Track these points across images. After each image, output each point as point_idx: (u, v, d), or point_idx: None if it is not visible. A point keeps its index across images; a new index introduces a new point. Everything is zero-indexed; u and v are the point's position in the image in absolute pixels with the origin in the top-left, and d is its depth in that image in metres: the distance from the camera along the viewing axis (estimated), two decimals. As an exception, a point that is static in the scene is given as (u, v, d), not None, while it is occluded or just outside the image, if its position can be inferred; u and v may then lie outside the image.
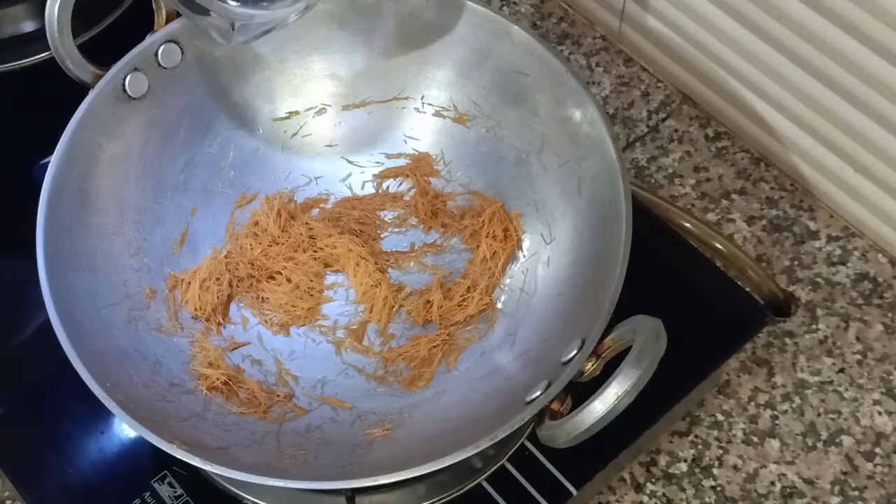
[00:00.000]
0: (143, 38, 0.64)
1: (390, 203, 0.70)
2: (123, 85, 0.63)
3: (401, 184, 0.70)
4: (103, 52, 0.63)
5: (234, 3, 0.58)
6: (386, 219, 0.69)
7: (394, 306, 0.65)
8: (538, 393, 0.52)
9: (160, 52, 0.64)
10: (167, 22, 0.64)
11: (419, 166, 0.70)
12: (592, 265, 0.60)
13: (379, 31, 0.68)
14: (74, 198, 0.61)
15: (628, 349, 0.49)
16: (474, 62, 0.67)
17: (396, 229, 0.69)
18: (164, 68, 0.65)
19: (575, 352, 0.53)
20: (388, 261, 0.67)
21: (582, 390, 0.50)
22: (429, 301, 0.65)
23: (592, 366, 0.52)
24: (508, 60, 0.65)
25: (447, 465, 0.50)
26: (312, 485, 0.55)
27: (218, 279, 0.65)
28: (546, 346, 0.59)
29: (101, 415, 0.63)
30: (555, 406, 0.51)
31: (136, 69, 0.64)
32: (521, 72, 0.65)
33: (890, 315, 0.72)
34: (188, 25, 0.65)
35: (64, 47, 0.61)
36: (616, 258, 0.55)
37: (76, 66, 0.62)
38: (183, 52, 0.65)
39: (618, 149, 0.59)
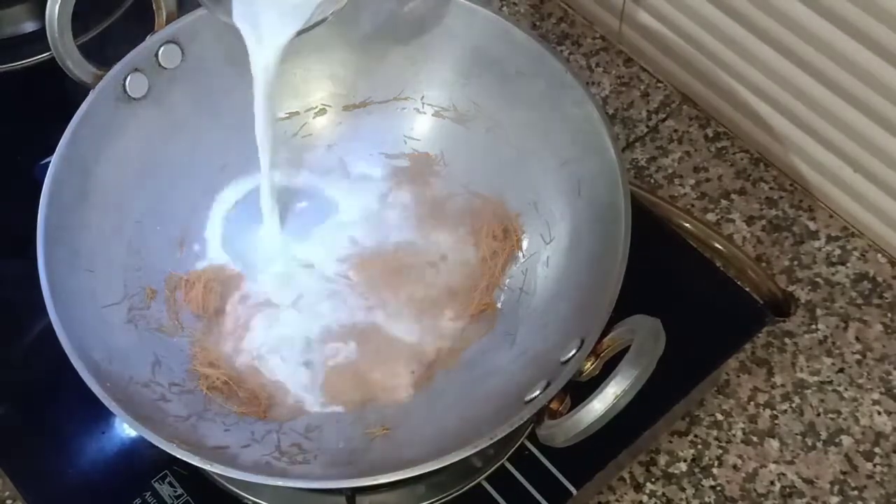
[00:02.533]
0: (143, 39, 0.64)
1: None
2: (124, 85, 0.63)
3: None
4: (104, 53, 0.63)
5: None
6: None
7: None
8: (537, 392, 0.52)
9: (161, 52, 0.64)
10: (168, 23, 0.64)
11: (419, 167, 0.70)
12: (592, 265, 0.60)
13: (379, 32, 0.68)
14: (74, 198, 0.61)
15: (627, 349, 0.49)
16: (474, 62, 0.67)
17: None
18: (165, 69, 0.65)
19: (574, 351, 0.53)
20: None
21: (581, 390, 0.50)
22: None
23: (591, 365, 0.52)
24: (508, 61, 0.65)
25: (446, 464, 0.50)
26: (312, 484, 0.55)
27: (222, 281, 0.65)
28: (545, 345, 0.59)
29: (101, 414, 0.63)
30: (554, 405, 0.51)
31: (136, 70, 0.64)
32: (521, 72, 0.65)
33: (889, 315, 0.72)
34: (189, 26, 0.65)
35: (64, 48, 0.61)
36: (615, 258, 0.55)
37: (76, 66, 0.62)
38: (183, 53, 0.65)
39: (617, 149, 0.59)
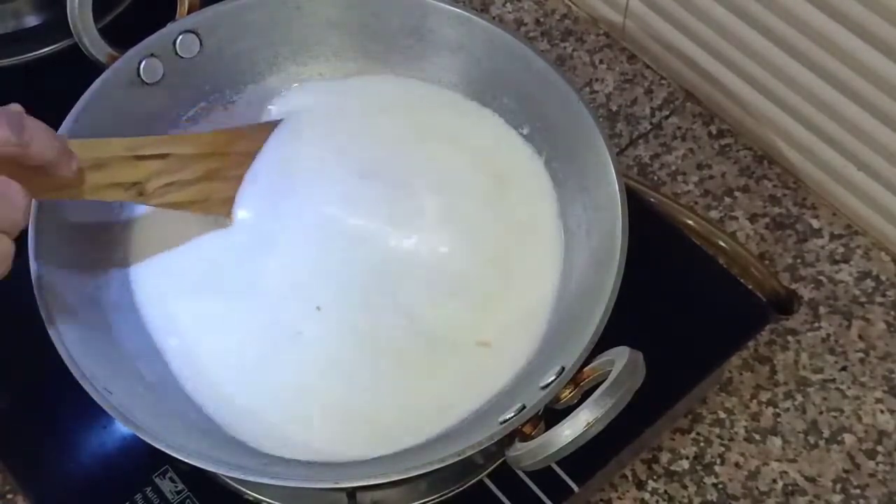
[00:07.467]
0: (164, 27, 0.64)
1: None
2: (138, 69, 0.63)
3: None
4: (122, 39, 0.63)
5: None
6: None
7: None
8: (511, 414, 0.52)
9: (178, 41, 0.64)
10: (189, 12, 0.64)
11: None
12: (582, 297, 0.58)
13: (394, 50, 0.67)
14: None
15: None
16: (488, 83, 0.66)
17: None
18: (182, 58, 0.64)
19: (553, 378, 0.52)
20: None
21: (558, 418, 0.49)
22: None
23: (570, 393, 0.51)
24: (524, 87, 0.64)
25: (409, 476, 0.50)
26: (312, 483, 0.55)
27: None
28: (529, 369, 0.59)
29: (101, 409, 0.62)
30: (527, 429, 0.51)
31: (152, 55, 0.63)
32: (537, 99, 0.63)
33: (892, 313, 0.72)
34: (210, 19, 0.64)
35: (83, 24, 0.61)
36: (605, 294, 0.54)
37: (92, 44, 0.62)
38: (202, 45, 0.65)
39: (623, 198, 0.57)
